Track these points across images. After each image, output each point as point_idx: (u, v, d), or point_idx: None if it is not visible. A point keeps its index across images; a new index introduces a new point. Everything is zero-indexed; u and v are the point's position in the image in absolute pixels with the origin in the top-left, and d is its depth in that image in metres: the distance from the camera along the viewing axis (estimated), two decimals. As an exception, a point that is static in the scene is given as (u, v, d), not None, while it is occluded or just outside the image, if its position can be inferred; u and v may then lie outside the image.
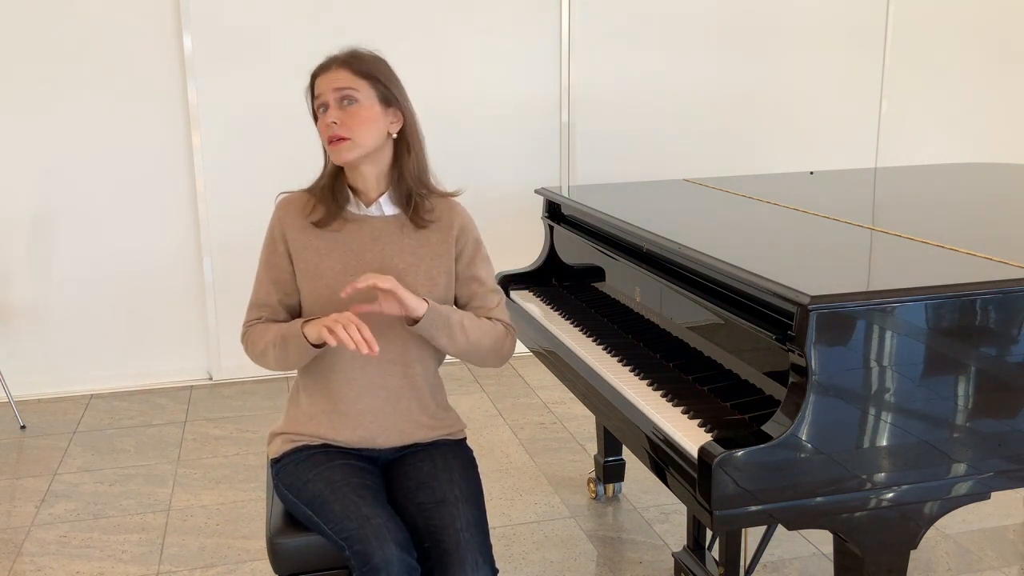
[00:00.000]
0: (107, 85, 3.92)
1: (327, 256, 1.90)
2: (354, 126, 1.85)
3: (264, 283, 1.95)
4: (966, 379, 1.63)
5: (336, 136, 1.85)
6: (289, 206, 1.95)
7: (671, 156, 4.54)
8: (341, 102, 1.86)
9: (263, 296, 1.95)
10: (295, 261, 1.92)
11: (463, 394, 4.06)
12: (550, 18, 4.34)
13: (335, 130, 1.85)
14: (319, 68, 1.90)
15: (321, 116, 1.88)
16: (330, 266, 1.90)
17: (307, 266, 1.90)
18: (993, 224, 2.34)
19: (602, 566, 2.70)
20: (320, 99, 1.88)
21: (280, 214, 1.95)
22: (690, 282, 1.98)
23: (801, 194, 2.72)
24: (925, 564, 2.67)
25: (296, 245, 1.91)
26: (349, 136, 1.85)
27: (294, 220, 1.93)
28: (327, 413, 1.93)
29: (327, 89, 1.87)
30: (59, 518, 3.01)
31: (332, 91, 1.86)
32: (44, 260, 4.01)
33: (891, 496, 1.61)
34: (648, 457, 1.80)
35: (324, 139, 1.88)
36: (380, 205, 1.94)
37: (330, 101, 1.86)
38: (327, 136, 1.86)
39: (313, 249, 1.91)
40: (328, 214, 1.92)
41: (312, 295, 1.90)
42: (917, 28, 4.83)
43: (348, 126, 1.85)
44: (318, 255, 1.91)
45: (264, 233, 2.00)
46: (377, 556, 1.67)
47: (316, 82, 1.89)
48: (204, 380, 4.27)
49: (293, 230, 1.92)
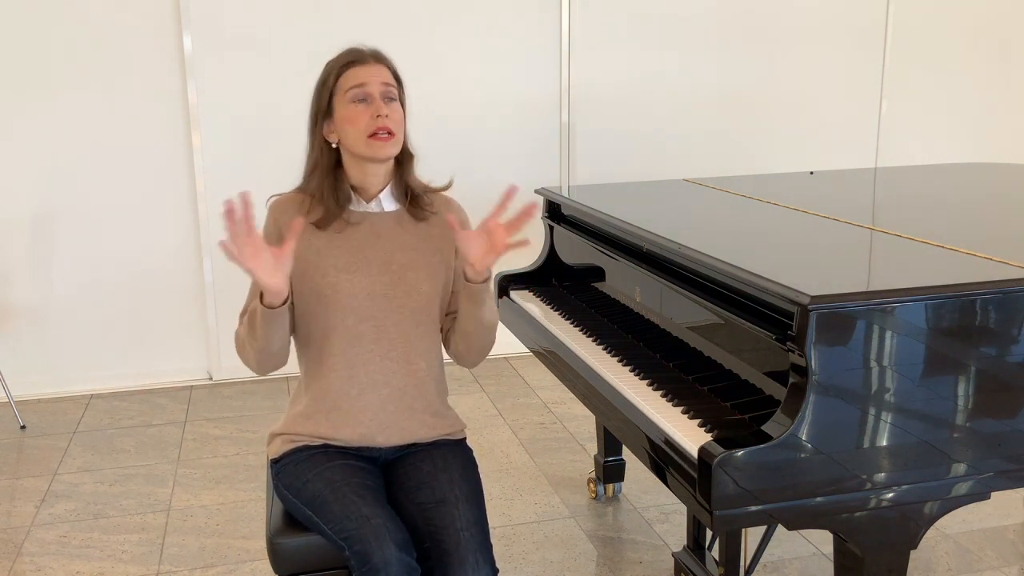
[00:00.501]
0: (107, 85, 3.92)
1: (327, 255, 1.89)
2: (398, 122, 1.86)
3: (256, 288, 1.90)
4: (966, 379, 1.63)
5: (386, 129, 1.83)
6: (285, 207, 1.93)
7: (671, 156, 4.54)
8: (386, 98, 1.85)
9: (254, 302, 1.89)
10: (294, 261, 1.88)
11: (463, 394, 4.06)
12: (550, 18, 4.34)
13: (386, 123, 1.83)
14: (353, 59, 1.87)
15: (358, 108, 1.83)
16: (332, 264, 1.89)
17: (307, 265, 1.89)
18: (993, 224, 2.34)
19: (602, 566, 2.70)
20: (363, 89, 1.84)
21: (276, 215, 1.92)
22: (690, 282, 1.98)
23: (801, 194, 2.72)
24: (925, 564, 2.67)
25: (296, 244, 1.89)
26: (396, 132, 1.85)
27: (292, 220, 1.88)
28: (327, 412, 1.92)
29: (374, 81, 1.84)
30: (59, 518, 3.01)
31: (381, 85, 1.85)
32: (44, 260, 4.01)
33: (891, 496, 1.61)
34: (648, 457, 1.80)
35: (362, 132, 1.83)
36: (380, 201, 1.93)
37: (376, 94, 1.84)
38: (374, 128, 1.82)
39: (314, 249, 1.89)
40: (328, 214, 1.90)
41: (313, 293, 1.88)
42: (917, 28, 4.83)
43: (395, 121, 1.84)
44: (318, 254, 1.89)
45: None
46: (376, 556, 1.67)
47: (354, 72, 1.85)
48: (204, 380, 4.27)
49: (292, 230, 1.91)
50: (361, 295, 1.88)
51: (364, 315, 1.88)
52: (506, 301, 2.78)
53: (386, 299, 1.89)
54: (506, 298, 2.79)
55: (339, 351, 1.89)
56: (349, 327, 1.88)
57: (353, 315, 1.88)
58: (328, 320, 1.89)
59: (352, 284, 1.88)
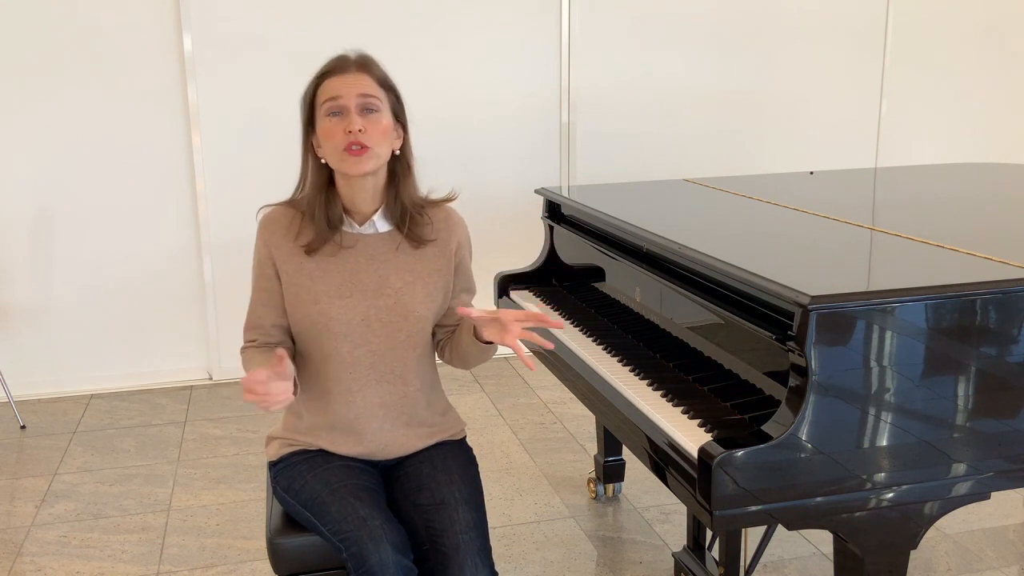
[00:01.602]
0: (107, 85, 3.92)
1: (320, 280, 1.82)
2: (375, 136, 1.74)
3: (256, 306, 1.88)
4: (966, 379, 1.63)
5: (359, 144, 1.72)
6: (274, 225, 1.84)
7: (671, 156, 4.54)
8: (363, 109, 1.74)
9: (255, 319, 1.88)
10: (285, 285, 1.83)
11: (463, 394, 4.05)
12: (550, 18, 4.34)
13: (360, 138, 1.71)
14: (332, 68, 1.77)
15: (333, 121, 1.74)
16: (324, 290, 1.82)
17: (299, 290, 1.82)
18: (993, 224, 2.34)
19: (602, 566, 2.70)
20: (337, 102, 1.73)
21: (265, 235, 1.84)
22: (690, 282, 1.98)
23: (801, 194, 2.72)
24: (925, 564, 2.67)
25: (286, 267, 1.82)
26: (371, 146, 1.73)
27: (281, 242, 1.83)
28: (326, 429, 1.90)
29: (349, 93, 1.73)
30: (59, 518, 3.00)
31: (357, 96, 1.73)
32: (44, 260, 4.01)
33: (891, 496, 1.61)
34: (648, 457, 1.80)
35: (337, 146, 1.73)
36: (374, 223, 1.85)
37: (351, 106, 1.73)
38: (346, 143, 1.72)
39: (306, 273, 1.82)
40: (319, 238, 1.81)
41: (306, 319, 1.83)
42: (917, 28, 4.83)
43: (370, 135, 1.73)
44: (311, 279, 1.82)
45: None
46: (373, 558, 1.66)
47: (330, 83, 1.75)
48: (204, 380, 4.27)
49: (282, 252, 1.83)
50: (355, 321, 1.82)
51: (359, 341, 1.83)
52: (506, 301, 2.78)
53: (381, 324, 1.83)
54: (506, 298, 2.79)
55: (335, 377, 1.86)
56: (344, 354, 1.83)
57: (348, 342, 1.83)
58: (322, 347, 1.84)
59: (345, 310, 1.81)
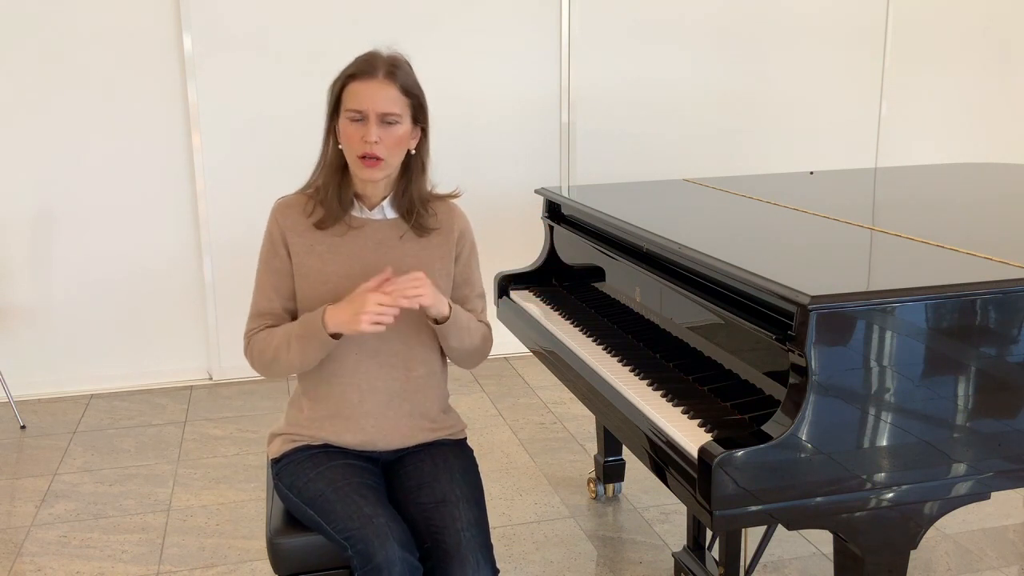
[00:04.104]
0: (107, 85, 3.92)
1: (330, 261, 1.88)
2: (391, 147, 1.81)
3: (265, 290, 1.92)
4: (966, 379, 1.63)
5: (372, 155, 1.79)
6: (288, 209, 1.92)
7: (671, 156, 4.54)
8: (383, 121, 1.79)
9: (265, 304, 1.91)
10: (295, 264, 1.89)
11: (463, 394, 4.06)
12: (550, 18, 4.34)
13: (375, 150, 1.79)
14: (361, 71, 1.81)
15: (353, 126, 1.80)
16: (334, 271, 1.88)
17: (309, 270, 1.88)
18: (993, 224, 2.34)
19: (602, 566, 2.70)
20: (360, 110, 1.79)
21: (279, 217, 1.91)
22: (690, 282, 1.98)
23: (801, 194, 2.72)
24: (925, 564, 2.67)
25: (298, 248, 1.89)
26: (384, 157, 1.80)
27: (295, 223, 1.90)
28: (328, 418, 1.92)
29: (373, 105, 1.78)
30: (59, 518, 3.01)
31: (377, 113, 1.78)
32: (44, 260, 4.01)
33: (891, 496, 1.61)
34: (648, 457, 1.80)
35: (354, 151, 1.81)
36: (383, 208, 1.92)
37: (372, 117, 1.78)
38: (361, 151, 1.79)
39: (316, 254, 1.89)
40: (329, 215, 1.88)
41: (314, 299, 1.87)
42: (917, 28, 4.83)
43: (386, 146, 1.80)
44: (321, 260, 1.88)
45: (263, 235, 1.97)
46: (379, 555, 1.67)
47: (355, 89, 1.80)
48: (204, 380, 4.27)
49: (294, 233, 1.90)
50: None
51: None
52: (506, 301, 2.78)
53: None
54: (506, 298, 2.79)
55: (340, 358, 1.89)
56: (350, 336, 1.86)
57: None
58: None
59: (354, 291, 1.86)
